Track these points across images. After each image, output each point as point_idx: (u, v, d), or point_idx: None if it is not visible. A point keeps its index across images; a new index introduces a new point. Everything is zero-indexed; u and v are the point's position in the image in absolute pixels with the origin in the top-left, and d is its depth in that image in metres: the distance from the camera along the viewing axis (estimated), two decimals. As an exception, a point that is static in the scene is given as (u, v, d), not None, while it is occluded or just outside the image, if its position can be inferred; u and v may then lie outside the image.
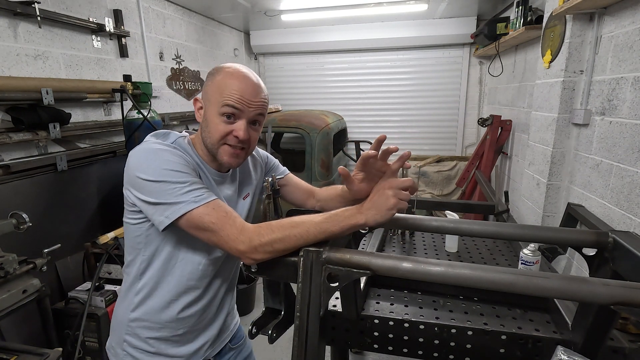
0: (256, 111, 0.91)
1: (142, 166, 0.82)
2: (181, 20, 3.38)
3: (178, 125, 3.32)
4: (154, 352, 0.96)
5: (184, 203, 0.80)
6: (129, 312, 0.96)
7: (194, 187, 0.82)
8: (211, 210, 0.80)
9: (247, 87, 0.89)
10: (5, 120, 1.87)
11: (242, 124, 0.89)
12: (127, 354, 0.97)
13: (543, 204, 2.01)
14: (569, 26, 1.78)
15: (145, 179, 0.81)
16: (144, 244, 0.91)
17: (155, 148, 0.85)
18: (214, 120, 0.89)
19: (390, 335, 0.99)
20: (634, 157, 1.40)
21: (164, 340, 0.97)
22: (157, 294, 0.94)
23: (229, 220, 0.80)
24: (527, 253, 1.17)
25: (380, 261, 0.71)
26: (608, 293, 0.59)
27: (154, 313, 0.95)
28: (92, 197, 2.36)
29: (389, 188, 0.75)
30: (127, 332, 0.96)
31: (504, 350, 0.92)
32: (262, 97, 0.92)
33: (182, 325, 0.97)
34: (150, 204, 0.82)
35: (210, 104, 0.91)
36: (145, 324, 0.95)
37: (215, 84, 0.90)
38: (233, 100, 0.87)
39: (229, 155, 0.91)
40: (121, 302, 0.99)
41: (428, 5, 3.47)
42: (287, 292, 0.91)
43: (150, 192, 0.82)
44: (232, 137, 0.90)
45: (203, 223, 0.80)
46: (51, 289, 1.81)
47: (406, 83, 4.46)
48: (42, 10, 1.97)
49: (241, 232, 0.79)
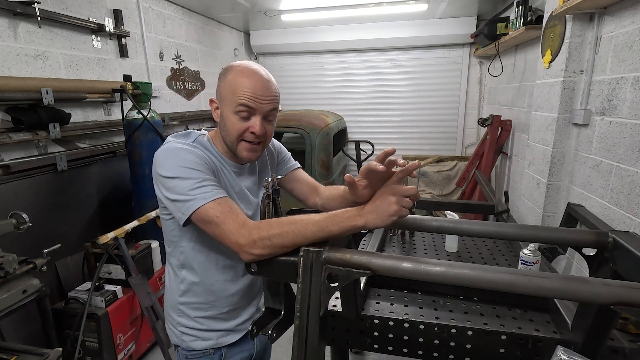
0: (269, 106, 0.95)
1: (162, 164, 0.90)
2: (181, 20, 3.38)
3: (178, 125, 3.32)
4: (205, 329, 1.07)
5: (194, 200, 0.85)
6: (178, 297, 1.06)
7: (204, 184, 0.87)
8: (217, 205, 0.85)
9: (258, 83, 0.93)
10: (5, 120, 1.87)
11: (257, 120, 0.94)
12: (182, 332, 1.07)
13: (543, 204, 2.01)
14: (569, 26, 1.78)
15: (164, 176, 0.89)
16: (179, 237, 1.00)
17: (174, 147, 0.92)
18: (230, 119, 0.95)
19: (390, 335, 0.99)
20: (634, 157, 1.40)
21: (212, 318, 1.07)
22: (200, 278, 1.03)
23: (232, 215, 0.84)
24: (527, 253, 1.17)
25: (380, 261, 0.71)
26: (608, 293, 0.59)
27: (199, 296, 1.05)
28: (92, 197, 2.36)
29: (393, 194, 0.74)
30: (179, 315, 1.07)
31: (504, 350, 0.92)
32: (273, 91, 0.96)
33: (227, 303, 1.07)
34: (170, 200, 0.89)
35: (224, 104, 0.96)
36: (193, 306, 1.06)
37: (227, 83, 0.94)
38: (246, 99, 0.91)
39: (247, 150, 0.98)
40: (169, 289, 1.09)
41: (428, 5, 3.47)
42: (287, 292, 0.91)
43: (168, 188, 0.88)
44: (249, 134, 0.95)
45: (208, 216, 0.84)
46: (51, 289, 1.81)
47: (406, 83, 4.46)
48: (42, 10, 1.97)
49: (242, 226, 0.82)
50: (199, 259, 1.02)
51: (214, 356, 1.09)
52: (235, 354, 1.13)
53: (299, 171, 1.25)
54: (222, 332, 1.09)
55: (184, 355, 1.10)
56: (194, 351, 1.08)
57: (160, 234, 1.12)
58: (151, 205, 2.35)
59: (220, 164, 1.01)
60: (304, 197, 1.20)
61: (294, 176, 1.23)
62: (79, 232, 2.26)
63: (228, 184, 1.02)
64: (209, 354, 1.09)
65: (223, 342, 1.09)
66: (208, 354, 1.09)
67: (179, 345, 1.10)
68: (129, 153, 2.35)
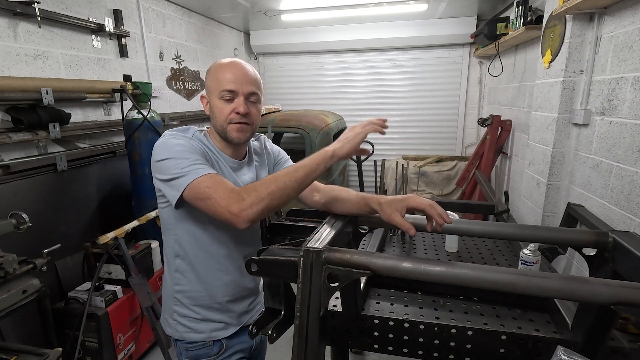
0: (249, 87, 1.02)
1: (158, 151, 0.96)
2: (181, 20, 3.38)
3: (178, 125, 3.32)
4: (201, 318, 1.09)
5: (186, 176, 0.90)
6: (174, 285, 1.09)
7: (197, 162, 0.92)
8: (208, 179, 0.90)
9: (238, 70, 1.02)
10: (5, 120, 1.87)
11: (240, 100, 1.01)
12: (177, 322, 1.10)
13: (543, 204, 2.01)
14: (569, 26, 1.78)
15: (158, 160, 0.94)
16: (173, 225, 1.04)
17: (170, 137, 0.98)
18: (217, 105, 1.02)
19: (390, 335, 0.99)
20: (634, 157, 1.40)
21: (207, 307, 1.09)
22: (193, 267, 1.06)
23: (222, 184, 0.89)
24: (527, 253, 1.17)
25: (380, 261, 0.71)
26: (608, 293, 0.59)
27: (194, 284, 1.07)
28: (92, 197, 2.36)
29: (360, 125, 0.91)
30: (175, 303, 1.10)
31: (504, 350, 0.92)
32: (251, 75, 1.04)
33: (222, 293, 1.09)
34: (164, 181, 0.94)
35: (211, 95, 1.04)
36: (188, 295, 1.08)
37: (211, 76, 1.04)
38: (227, 83, 1.00)
39: (236, 131, 1.03)
40: (166, 278, 1.13)
41: (428, 5, 3.47)
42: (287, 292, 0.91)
43: (162, 169, 0.94)
44: (234, 115, 1.01)
45: (200, 189, 0.89)
46: (51, 289, 1.81)
47: (406, 83, 4.46)
48: (41, 10, 1.97)
49: (231, 191, 0.87)
50: (193, 247, 1.04)
51: (213, 347, 1.11)
52: (235, 345, 1.15)
53: None
54: (217, 323, 1.10)
55: (184, 348, 1.11)
56: (194, 343, 1.09)
57: (160, 234, 1.12)
58: (151, 205, 2.35)
59: (216, 158, 1.05)
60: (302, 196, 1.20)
61: None
62: (79, 232, 2.26)
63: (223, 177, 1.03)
64: (209, 345, 1.10)
65: (217, 335, 1.10)
66: (208, 345, 1.10)
67: (177, 339, 1.11)
68: (129, 153, 2.35)
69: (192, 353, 1.10)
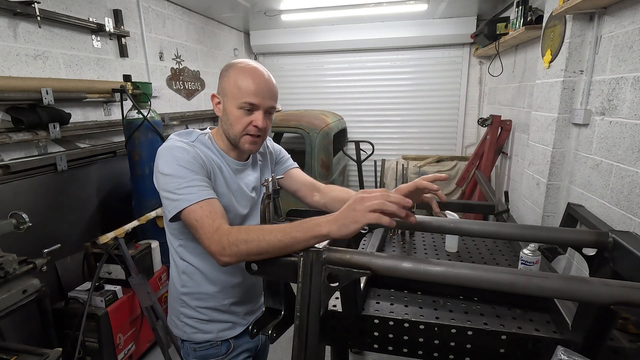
0: (270, 102, 1.02)
1: (159, 160, 0.95)
2: (181, 20, 3.38)
3: (178, 125, 3.32)
4: (207, 319, 1.09)
5: (179, 201, 0.89)
6: (180, 288, 1.10)
7: (192, 184, 0.91)
8: (198, 208, 0.88)
9: (261, 81, 0.99)
10: (5, 120, 1.87)
11: (259, 114, 1.00)
12: (184, 323, 1.10)
13: (543, 204, 2.01)
14: (569, 26, 1.78)
15: (160, 172, 0.94)
16: (178, 230, 1.04)
17: (173, 145, 0.96)
18: (234, 114, 1.00)
19: (390, 335, 0.99)
20: (634, 157, 1.40)
21: (214, 309, 1.09)
22: (198, 270, 1.07)
23: (208, 220, 0.87)
24: (527, 253, 1.17)
25: (380, 261, 0.71)
26: (608, 293, 0.59)
27: (199, 287, 1.08)
28: (92, 197, 2.36)
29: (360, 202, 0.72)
30: (182, 305, 1.10)
31: (504, 350, 0.92)
32: (273, 89, 1.03)
33: (228, 295, 1.10)
34: (163, 196, 0.94)
35: (228, 99, 1.01)
36: (194, 297, 1.09)
37: (230, 80, 1.00)
38: (251, 97, 0.98)
39: (249, 143, 1.03)
40: (172, 281, 1.13)
41: (428, 5, 3.47)
42: (287, 292, 0.91)
43: (161, 184, 0.94)
44: (252, 127, 1.00)
45: (189, 220, 0.89)
46: (51, 289, 1.81)
47: (406, 83, 4.45)
48: (41, 10, 1.97)
49: (215, 231, 0.84)
50: (198, 250, 1.04)
51: (221, 347, 1.11)
52: (243, 344, 1.15)
53: (295, 170, 1.28)
54: (224, 323, 1.11)
55: (192, 348, 1.11)
56: (202, 343, 1.10)
57: (160, 233, 1.12)
58: (151, 205, 2.35)
59: (220, 161, 1.04)
60: (301, 195, 1.23)
61: (291, 175, 1.25)
62: (79, 232, 2.26)
63: (225, 181, 1.04)
64: (217, 345, 1.10)
65: (224, 335, 1.11)
66: (216, 345, 1.10)
67: (184, 340, 1.12)
68: (129, 153, 2.35)
69: (200, 353, 1.11)
